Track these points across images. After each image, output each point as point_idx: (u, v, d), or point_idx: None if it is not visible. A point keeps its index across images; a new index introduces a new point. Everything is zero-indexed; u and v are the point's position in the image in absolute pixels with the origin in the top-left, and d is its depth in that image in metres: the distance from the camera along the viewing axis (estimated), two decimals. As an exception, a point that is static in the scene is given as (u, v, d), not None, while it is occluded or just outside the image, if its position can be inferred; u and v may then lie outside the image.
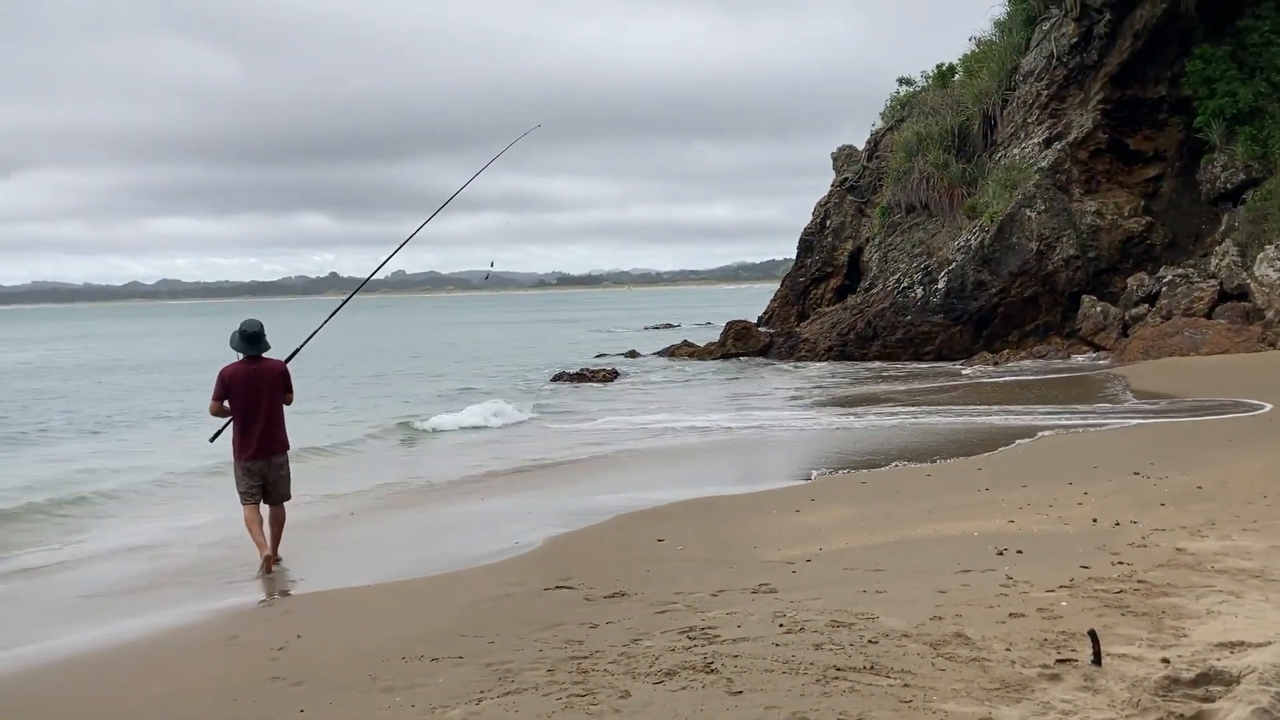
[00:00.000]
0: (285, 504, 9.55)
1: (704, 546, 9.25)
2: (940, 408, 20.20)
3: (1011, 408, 19.30)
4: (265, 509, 9.40)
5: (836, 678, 5.37)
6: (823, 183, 40.96)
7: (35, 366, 48.48)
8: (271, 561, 9.28)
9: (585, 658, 6.07)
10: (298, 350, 9.89)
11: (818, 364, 31.54)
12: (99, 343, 74.22)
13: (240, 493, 9.31)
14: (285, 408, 9.44)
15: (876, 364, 30.56)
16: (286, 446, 9.48)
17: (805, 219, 40.42)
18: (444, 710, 5.39)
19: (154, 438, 20.92)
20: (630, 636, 6.44)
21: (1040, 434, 15.77)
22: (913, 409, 20.15)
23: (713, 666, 5.67)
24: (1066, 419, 17.43)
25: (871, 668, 5.49)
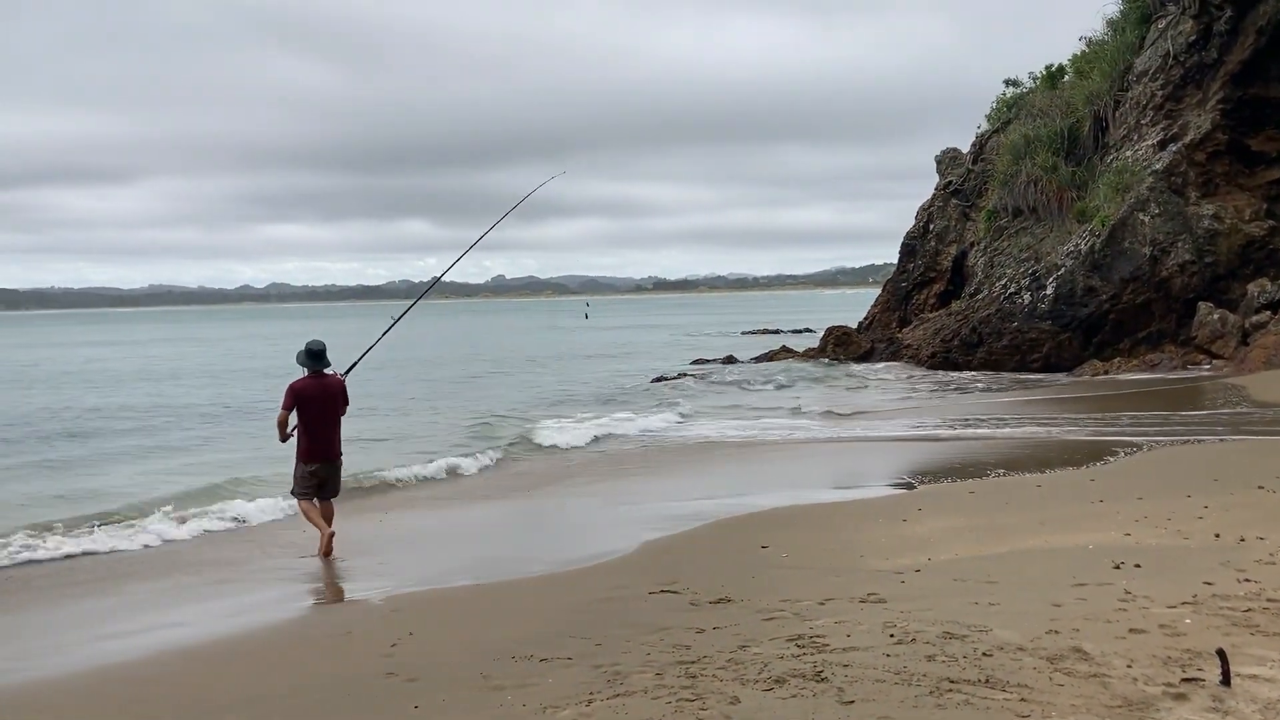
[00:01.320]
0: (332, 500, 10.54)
1: (809, 554, 9.18)
2: (1048, 416, 19.72)
3: (1123, 417, 18.74)
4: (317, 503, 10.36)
5: (950, 690, 5.29)
6: (919, 187, 40.42)
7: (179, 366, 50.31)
8: (330, 542, 10.13)
9: (693, 662, 6.08)
10: (354, 365, 11.08)
11: (920, 370, 31.05)
12: (232, 344, 76.76)
13: (298, 490, 10.35)
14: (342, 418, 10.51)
15: (981, 371, 29.96)
16: (341, 453, 10.53)
17: (903, 223, 39.85)
18: (555, 710, 5.45)
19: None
20: (738, 643, 6.43)
21: (1154, 445, 15.28)
22: (1019, 416, 19.70)
23: (823, 675, 5.63)
24: (1181, 429, 16.85)
25: (986, 681, 5.39)
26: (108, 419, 25.57)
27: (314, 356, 10.14)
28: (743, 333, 67.96)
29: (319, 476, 10.23)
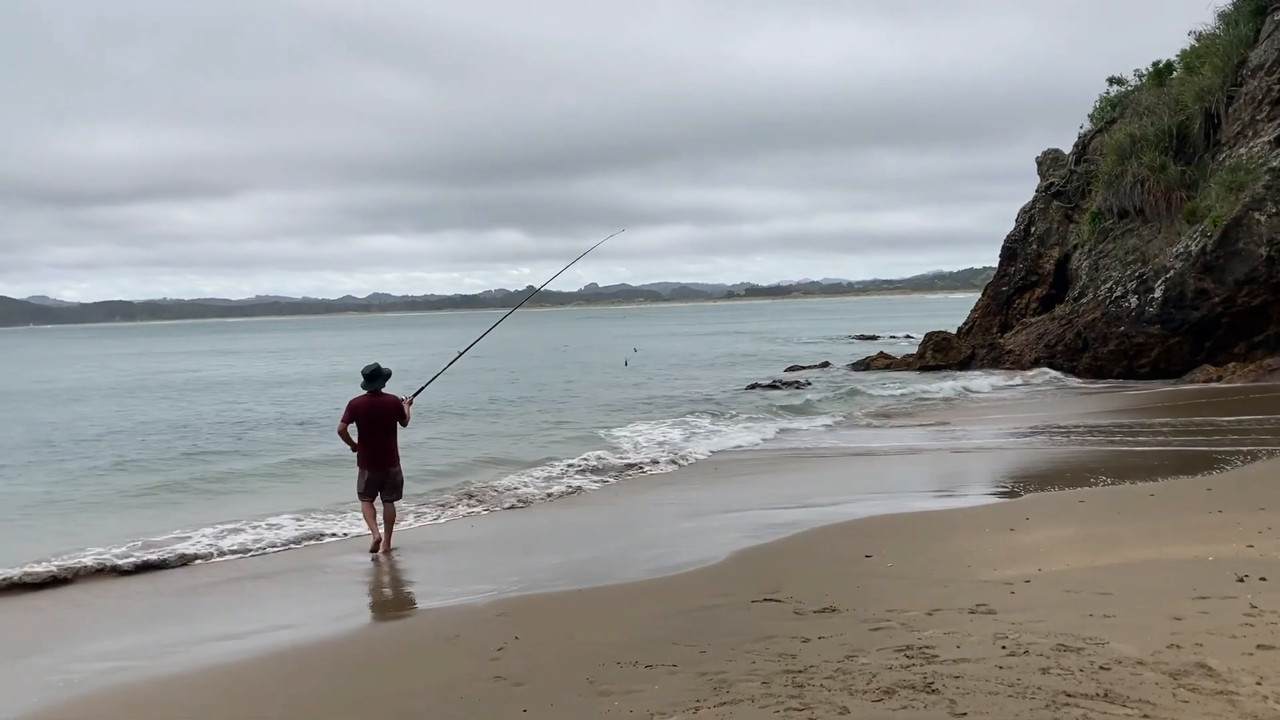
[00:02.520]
0: (396, 503, 11.46)
1: (914, 563, 9.03)
2: (1159, 421, 19.10)
3: (1239, 423, 18.05)
4: (380, 505, 11.30)
5: (1067, 704, 5.15)
6: (1013, 189, 39.60)
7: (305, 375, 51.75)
8: (382, 545, 11.01)
9: (799, 672, 6.03)
10: (423, 388, 12.38)
11: (1023, 375, 30.35)
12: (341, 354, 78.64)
13: (359, 491, 11.35)
14: (404, 428, 11.63)
15: (1086, 377, 29.18)
16: (397, 461, 11.49)
17: (1000, 226, 39.18)
18: (662, 717, 5.45)
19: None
20: (844, 653, 6.36)
21: (1274, 453, 14.68)
22: (1129, 423, 19.13)
23: (933, 687, 5.53)
24: (1305, 437, 16.17)
25: (1105, 695, 5.23)
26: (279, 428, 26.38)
27: (367, 378, 11.36)
28: (837, 339, 67.28)
29: (375, 482, 11.28)
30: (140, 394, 39.40)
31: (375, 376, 11.38)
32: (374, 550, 11.00)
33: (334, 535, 12.16)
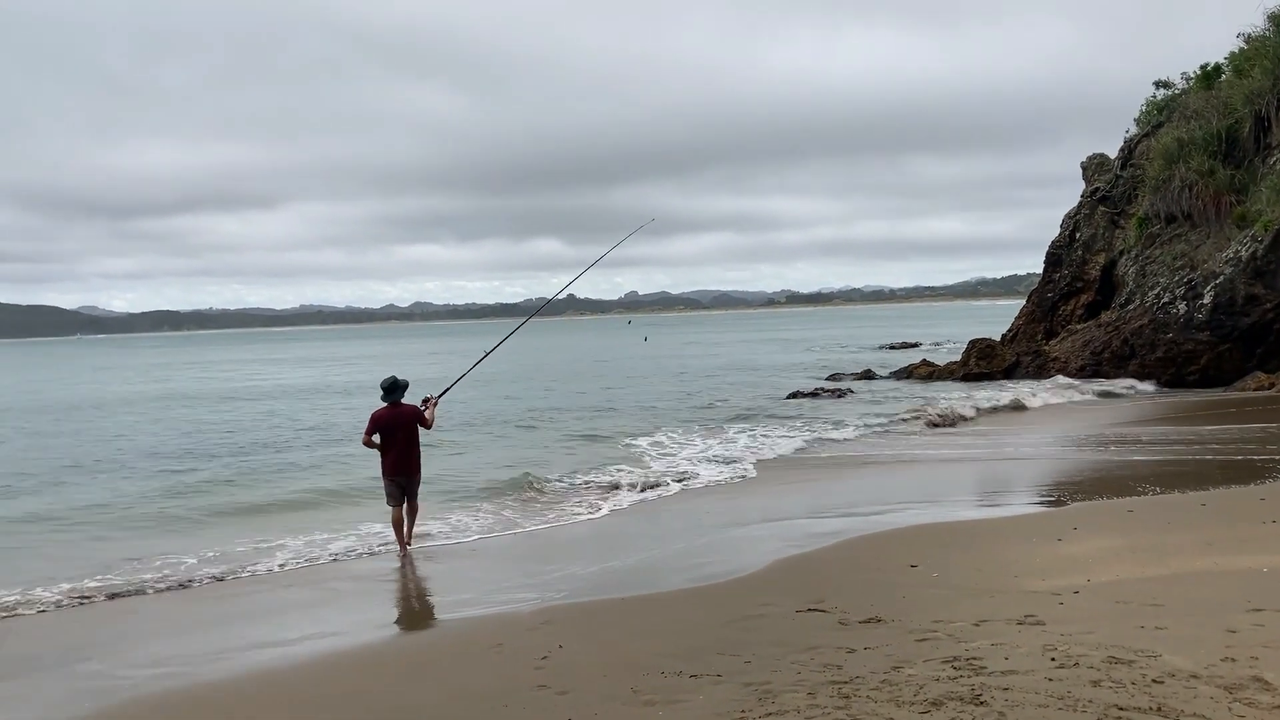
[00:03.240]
0: (419, 501, 12.17)
1: (960, 573, 8.94)
2: (1209, 429, 18.78)
3: (1294, 433, 17.72)
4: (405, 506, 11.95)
5: (1119, 717, 5.08)
6: (1054, 194, 39.11)
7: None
8: (405, 546, 11.75)
9: (845, 683, 5.99)
10: (447, 390, 12.99)
11: (1069, 384, 29.98)
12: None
13: (387, 496, 11.94)
14: (426, 430, 12.18)
15: (1134, 384, 28.75)
16: (419, 469, 12.05)
17: (1043, 232, 38.78)
18: (707, 728, 5.43)
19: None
20: (890, 663, 6.31)
21: (1330, 462, 14.40)
22: (1176, 430, 18.83)
23: (981, 699, 5.48)
24: (1361, 446, 15.83)
25: (1158, 709, 5.15)
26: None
27: (387, 391, 12.02)
28: (879, 347, 66.82)
29: (400, 486, 11.88)
30: (208, 402, 39.94)
31: (393, 389, 12.03)
32: (404, 546, 11.78)
33: (385, 545, 12.23)
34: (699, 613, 8.08)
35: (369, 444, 11.97)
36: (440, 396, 12.61)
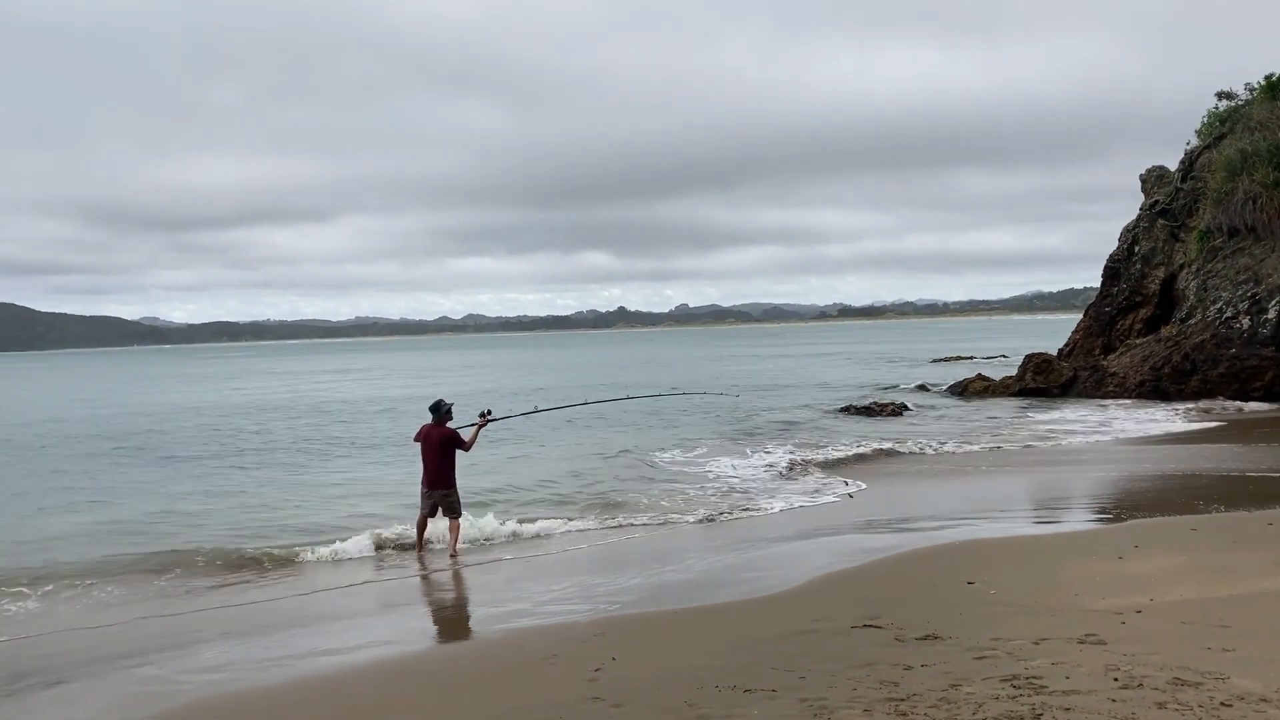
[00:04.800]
0: (459, 518, 12.79)
1: (1018, 590, 8.80)
2: (1268, 447, 18.35)
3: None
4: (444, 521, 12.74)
5: (1186, 741, 4.96)
6: (1107, 208, 38.50)
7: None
8: (449, 549, 12.44)
9: (902, 700, 5.91)
10: (490, 420, 13.51)
11: (1127, 400, 29.50)
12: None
13: (421, 506, 12.77)
14: (463, 453, 13.03)
15: (1195, 401, 28.20)
16: (450, 484, 12.77)
17: (1096, 245, 38.28)
18: (762, 743, 5.38)
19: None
20: (948, 681, 6.22)
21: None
22: (1239, 448, 18.42)
23: (1042, 719, 5.38)
24: None
25: (1227, 733, 5.03)
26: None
27: (431, 411, 12.90)
28: (933, 360, 66.15)
29: (431, 499, 12.65)
30: (282, 409, 40.52)
31: (435, 411, 12.92)
32: (419, 550, 12.59)
33: (431, 551, 12.31)
34: (752, 627, 8.02)
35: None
36: (484, 424, 13.29)
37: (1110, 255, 37.93)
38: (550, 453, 22.87)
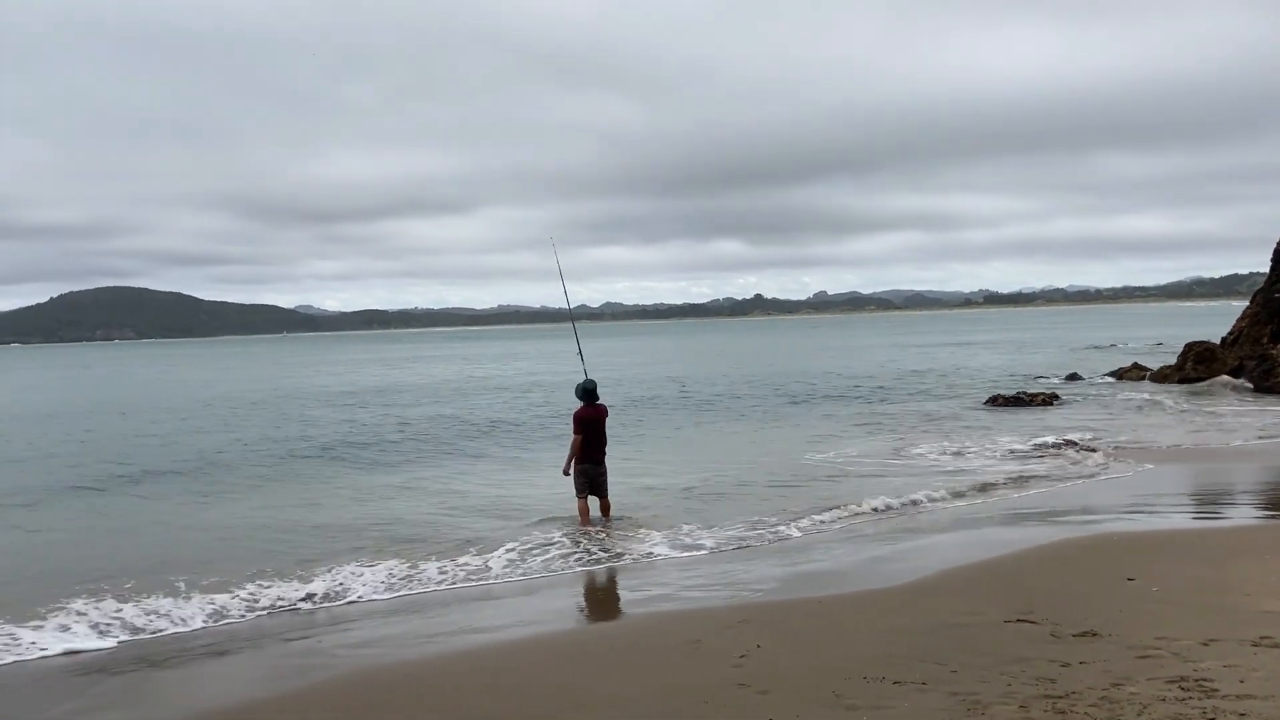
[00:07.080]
0: (610, 497, 13.50)
1: (1182, 587, 8.40)
2: None
3: None
4: (596, 501, 13.36)
5: (1376, 752, 4.64)
6: (1267, 188, 36.10)
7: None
8: (585, 522, 12.98)
9: (1060, 697, 5.71)
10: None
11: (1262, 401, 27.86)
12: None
13: (576, 489, 13.31)
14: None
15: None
16: (604, 457, 13.53)
17: (1261, 229, 36.32)
18: (914, 736, 5.27)
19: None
20: (1109, 680, 5.98)
21: None
22: None
23: (1214, 723, 5.12)
24: None
25: None
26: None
27: (589, 393, 13.58)
28: (1084, 347, 63.77)
29: (589, 476, 13.29)
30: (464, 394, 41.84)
31: (592, 394, 13.63)
32: (584, 524, 12.96)
33: (576, 538, 12.46)
34: (897, 618, 7.86)
35: (578, 446, 13.26)
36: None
37: (1280, 239, 35.84)
38: (661, 451, 22.80)
